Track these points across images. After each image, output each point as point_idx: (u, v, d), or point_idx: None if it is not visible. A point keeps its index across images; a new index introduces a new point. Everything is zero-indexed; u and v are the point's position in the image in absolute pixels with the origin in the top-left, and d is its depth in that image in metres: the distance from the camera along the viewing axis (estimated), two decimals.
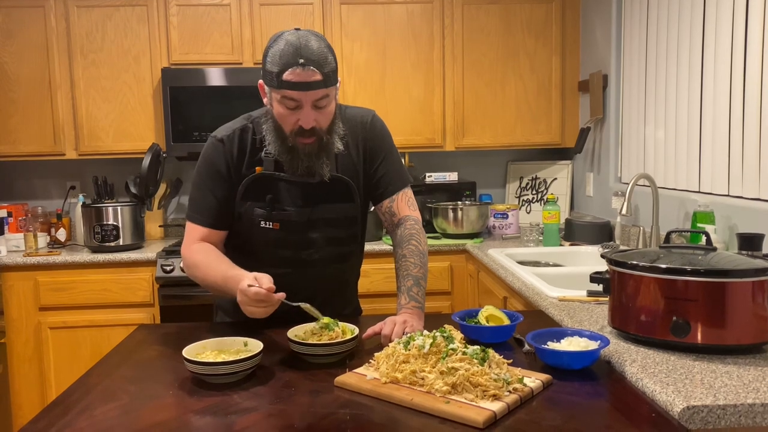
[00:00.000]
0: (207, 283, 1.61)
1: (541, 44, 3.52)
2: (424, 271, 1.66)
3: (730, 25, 2.19)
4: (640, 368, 1.26)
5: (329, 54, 1.53)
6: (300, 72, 1.48)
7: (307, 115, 1.53)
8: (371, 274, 3.12)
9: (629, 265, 1.41)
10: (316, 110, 1.54)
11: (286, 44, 1.50)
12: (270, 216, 1.65)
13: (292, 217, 1.65)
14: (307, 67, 1.48)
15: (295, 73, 1.49)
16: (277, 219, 1.65)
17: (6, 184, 3.70)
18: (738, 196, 2.16)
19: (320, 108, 1.55)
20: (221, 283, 1.54)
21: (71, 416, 1.14)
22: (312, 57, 1.49)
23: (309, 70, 1.48)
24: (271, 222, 1.65)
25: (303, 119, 1.54)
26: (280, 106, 1.55)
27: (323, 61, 1.50)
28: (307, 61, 1.48)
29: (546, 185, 3.78)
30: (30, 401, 3.17)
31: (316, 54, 1.50)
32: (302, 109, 1.53)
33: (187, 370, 1.30)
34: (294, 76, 1.49)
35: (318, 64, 1.49)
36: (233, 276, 1.49)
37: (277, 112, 1.56)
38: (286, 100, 1.53)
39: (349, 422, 1.09)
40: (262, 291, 1.38)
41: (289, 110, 1.54)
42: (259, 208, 1.65)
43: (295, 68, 1.48)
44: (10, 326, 3.14)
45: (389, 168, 1.75)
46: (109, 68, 3.35)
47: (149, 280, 3.14)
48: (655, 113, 2.74)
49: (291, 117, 1.55)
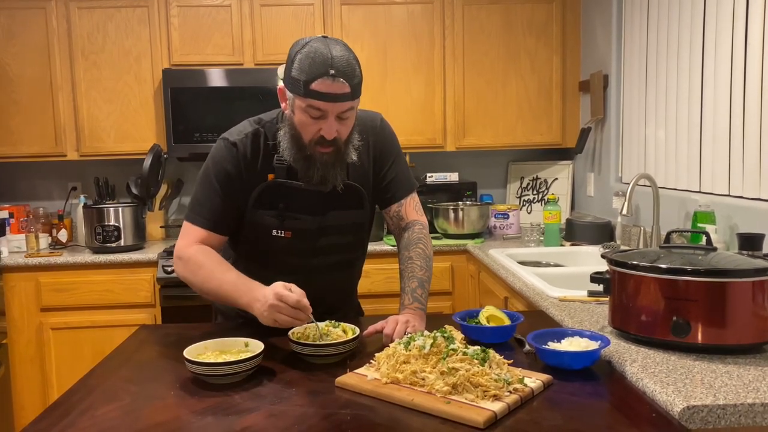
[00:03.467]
0: (209, 286, 1.56)
1: (542, 44, 3.53)
2: (428, 275, 1.66)
3: (730, 25, 2.19)
4: (641, 368, 1.26)
5: (357, 66, 1.50)
6: (330, 83, 1.45)
7: (330, 126, 1.50)
8: (372, 274, 3.12)
9: (630, 265, 1.41)
10: (339, 122, 1.52)
11: (316, 52, 1.46)
12: (282, 224, 1.63)
13: (304, 225, 1.64)
14: (337, 79, 1.45)
15: (325, 84, 1.45)
16: (289, 227, 1.63)
17: (8, 185, 3.71)
18: (738, 196, 2.16)
19: (343, 119, 1.52)
20: (229, 289, 1.51)
21: (73, 416, 1.15)
22: (342, 68, 1.46)
23: (339, 82, 1.45)
24: (283, 230, 1.63)
25: (325, 130, 1.51)
26: (303, 114, 1.51)
27: (352, 72, 1.48)
28: (338, 72, 1.45)
29: (547, 185, 3.78)
30: (32, 402, 3.18)
31: (346, 65, 1.46)
32: (326, 119, 1.50)
33: (188, 370, 1.30)
34: (323, 87, 1.45)
35: (347, 76, 1.46)
36: (245, 284, 1.48)
37: (299, 119, 1.53)
38: (311, 110, 1.49)
39: (349, 422, 1.09)
40: (305, 300, 1.37)
41: (313, 119, 1.51)
42: (271, 216, 1.62)
43: (326, 79, 1.45)
44: (12, 327, 3.14)
45: (398, 172, 1.74)
46: (110, 69, 3.36)
47: (150, 280, 3.14)
48: (655, 113, 2.74)
49: (313, 126, 1.52)
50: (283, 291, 1.39)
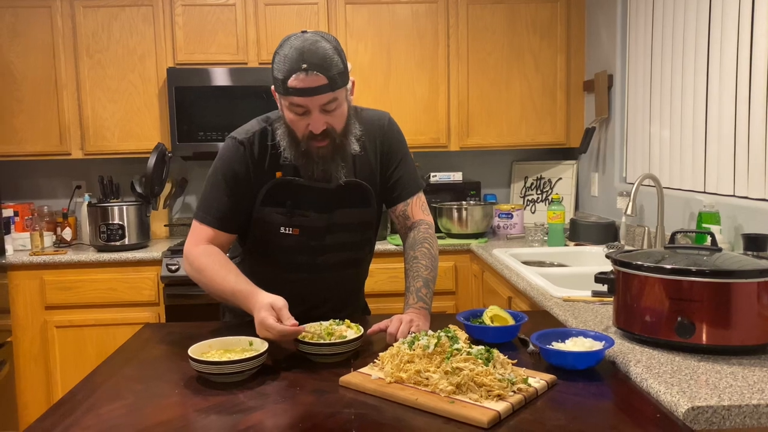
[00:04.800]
0: (211, 289, 1.58)
1: (546, 44, 3.52)
2: (434, 275, 1.66)
3: (736, 25, 2.18)
4: (645, 369, 1.26)
5: (335, 55, 1.49)
6: (304, 77, 1.45)
7: (317, 120, 1.50)
8: (376, 273, 3.11)
9: (634, 266, 1.40)
10: (325, 114, 1.51)
11: (291, 49, 1.47)
12: (290, 222, 1.63)
13: (311, 222, 1.64)
14: (311, 72, 1.44)
15: (299, 79, 1.45)
16: (297, 225, 1.63)
17: (12, 183, 3.71)
18: (743, 197, 2.16)
19: (329, 111, 1.52)
20: (229, 296, 1.53)
21: (77, 415, 1.15)
22: (315, 60, 1.45)
23: (313, 75, 1.45)
24: (291, 228, 1.63)
25: (313, 124, 1.51)
26: (289, 112, 1.52)
27: (328, 64, 1.46)
28: (310, 66, 1.44)
29: (551, 185, 3.78)
30: (36, 399, 3.19)
31: (320, 57, 1.45)
32: (311, 114, 1.50)
33: (192, 369, 1.30)
34: (298, 82, 1.46)
35: (322, 67, 1.46)
36: (242, 291, 1.48)
37: (288, 117, 1.54)
38: (294, 107, 1.50)
39: (353, 421, 1.09)
40: (288, 329, 1.36)
41: (298, 116, 1.52)
42: (279, 213, 1.63)
43: (299, 74, 1.45)
44: (17, 325, 3.15)
45: (405, 171, 1.75)
46: (114, 68, 3.36)
47: (154, 279, 3.15)
48: (660, 113, 2.74)
49: (301, 122, 1.53)
50: (267, 321, 1.37)
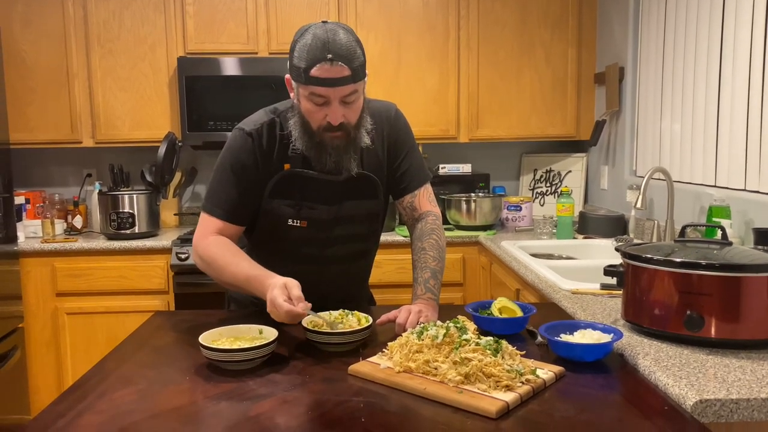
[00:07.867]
0: (223, 279, 1.58)
1: (557, 36, 3.50)
2: (441, 266, 1.66)
3: (750, 17, 2.16)
4: (653, 361, 1.26)
5: (358, 48, 1.48)
6: (328, 68, 1.44)
7: (335, 111, 1.50)
8: (383, 264, 3.13)
9: (644, 259, 1.40)
10: (344, 106, 1.51)
11: (314, 38, 1.45)
12: (298, 214, 1.63)
13: (319, 215, 1.64)
14: (335, 63, 1.44)
15: (323, 69, 1.44)
16: (305, 217, 1.63)
17: (24, 171, 3.74)
18: (755, 191, 2.15)
19: (348, 103, 1.51)
20: (243, 282, 1.52)
21: (90, 399, 1.17)
22: (340, 52, 1.44)
23: (337, 66, 1.44)
24: (299, 220, 1.63)
25: (331, 115, 1.50)
26: (307, 102, 1.51)
27: (352, 55, 1.46)
28: (335, 56, 1.44)
29: (560, 178, 3.77)
30: (47, 385, 3.22)
31: (345, 48, 1.45)
32: (330, 105, 1.50)
33: (203, 356, 1.31)
34: (322, 72, 1.45)
35: (346, 59, 1.45)
36: (257, 276, 1.48)
37: (305, 108, 1.53)
38: (314, 97, 1.49)
39: (362, 410, 1.10)
40: (296, 310, 1.36)
41: (317, 106, 1.51)
42: (287, 205, 1.63)
43: (323, 64, 1.44)
44: (28, 311, 3.19)
45: (412, 163, 1.74)
46: (125, 57, 3.37)
47: (164, 267, 3.17)
48: (671, 106, 2.72)
49: (319, 113, 1.52)
50: (277, 300, 1.37)
